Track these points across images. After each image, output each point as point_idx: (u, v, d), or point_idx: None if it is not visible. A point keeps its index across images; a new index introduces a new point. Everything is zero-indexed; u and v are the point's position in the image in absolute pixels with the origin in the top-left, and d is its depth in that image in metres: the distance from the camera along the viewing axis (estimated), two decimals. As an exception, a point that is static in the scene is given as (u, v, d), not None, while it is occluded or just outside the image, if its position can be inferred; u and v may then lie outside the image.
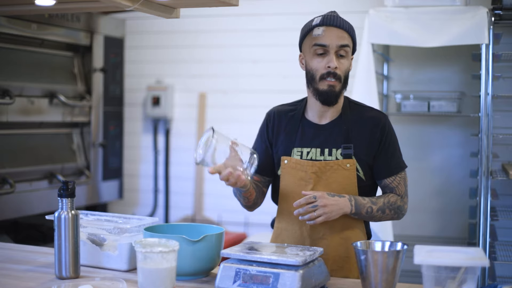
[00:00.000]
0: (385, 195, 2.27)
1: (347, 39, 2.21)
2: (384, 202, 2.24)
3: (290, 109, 2.35)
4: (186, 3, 2.53)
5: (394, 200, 2.26)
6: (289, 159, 2.27)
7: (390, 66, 4.40)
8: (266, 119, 2.40)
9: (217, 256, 2.08)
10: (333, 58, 2.18)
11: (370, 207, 2.21)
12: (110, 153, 4.55)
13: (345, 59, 2.21)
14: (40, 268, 2.17)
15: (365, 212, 2.21)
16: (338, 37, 2.19)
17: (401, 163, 2.30)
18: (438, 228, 4.32)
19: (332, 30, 2.19)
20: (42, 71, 4.05)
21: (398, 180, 2.27)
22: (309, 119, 2.31)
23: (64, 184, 2.04)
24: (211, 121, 4.85)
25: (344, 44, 2.19)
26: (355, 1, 4.43)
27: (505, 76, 3.87)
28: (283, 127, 2.33)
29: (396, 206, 2.26)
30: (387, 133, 2.27)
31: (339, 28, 2.20)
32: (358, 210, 2.19)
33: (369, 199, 2.23)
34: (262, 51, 4.68)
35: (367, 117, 2.27)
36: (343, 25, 2.21)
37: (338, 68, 2.19)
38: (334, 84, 2.19)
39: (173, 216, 4.97)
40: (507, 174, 3.56)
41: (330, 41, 2.18)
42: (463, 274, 1.61)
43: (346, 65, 2.21)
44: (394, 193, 2.28)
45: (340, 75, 2.20)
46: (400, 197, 2.28)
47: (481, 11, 3.62)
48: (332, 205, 2.14)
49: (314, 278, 1.89)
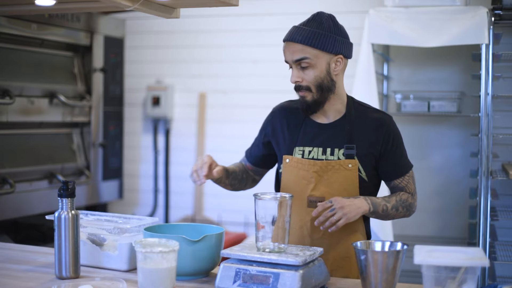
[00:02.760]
0: (397, 194, 2.30)
1: (302, 52, 2.19)
2: (396, 200, 2.28)
3: (296, 106, 2.36)
4: (186, 3, 2.53)
5: (405, 197, 2.30)
6: (290, 158, 2.28)
7: (390, 66, 4.40)
8: (271, 114, 2.44)
9: (217, 256, 2.08)
10: (294, 73, 2.22)
11: (385, 205, 2.24)
12: (110, 153, 4.55)
13: (309, 69, 2.20)
14: (40, 268, 2.17)
15: (381, 211, 2.23)
16: (293, 52, 2.21)
17: (409, 163, 2.34)
18: (438, 228, 4.32)
19: (289, 46, 2.23)
20: (42, 71, 4.05)
21: (407, 180, 2.31)
22: (312, 118, 2.32)
23: (64, 184, 2.04)
24: (211, 121, 4.85)
25: (299, 58, 2.20)
26: (355, 1, 4.43)
27: (505, 76, 3.87)
28: (286, 125, 2.35)
29: (408, 203, 2.31)
30: (394, 135, 2.28)
31: (294, 42, 2.21)
32: (375, 208, 2.21)
33: (382, 198, 2.26)
34: (262, 51, 4.68)
35: (372, 118, 2.27)
36: (297, 38, 2.19)
37: (304, 80, 2.21)
38: (303, 95, 2.24)
39: (173, 216, 4.97)
40: (507, 174, 3.56)
41: (288, 57, 2.23)
42: (463, 274, 1.61)
43: (312, 75, 2.20)
44: (404, 191, 2.32)
45: (308, 85, 2.21)
46: (410, 194, 2.32)
47: (481, 11, 3.62)
48: (349, 205, 2.13)
49: (314, 278, 1.89)
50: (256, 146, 2.45)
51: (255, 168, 2.47)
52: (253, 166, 2.47)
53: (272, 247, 1.92)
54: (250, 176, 2.48)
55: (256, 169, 2.48)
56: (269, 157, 2.43)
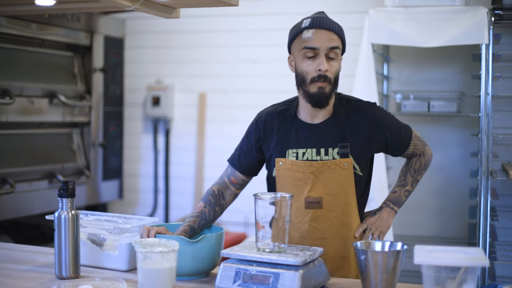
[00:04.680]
0: (407, 168, 2.40)
1: (336, 41, 2.20)
2: (411, 175, 2.39)
3: (282, 109, 2.33)
4: (186, 3, 2.53)
5: (418, 165, 2.38)
6: (283, 161, 2.25)
7: (390, 66, 4.40)
8: (256, 120, 2.37)
9: (217, 256, 2.08)
10: (324, 61, 2.17)
11: (406, 191, 2.37)
12: (110, 153, 4.55)
13: (335, 61, 2.20)
14: (40, 268, 2.17)
15: (406, 196, 2.38)
16: (328, 40, 2.18)
17: (408, 128, 2.36)
18: (438, 228, 4.32)
19: (322, 33, 2.18)
20: (42, 71, 4.05)
21: (413, 143, 2.36)
22: (301, 119, 2.29)
23: (64, 184, 2.04)
24: (211, 121, 4.85)
25: (334, 46, 2.19)
26: (355, 1, 4.43)
27: (505, 76, 3.87)
28: (276, 129, 2.30)
29: (422, 165, 2.39)
30: (384, 122, 2.28)
31: (328, 30, 2.19)
32: (400, 204, 2.36)
33: (398, 187, 2.38)
34: (262, 51, 4.68)
35: (360, 113, 2.27)
36: (333, 27, 2.20)
37: (328, 71, 2.18)
38: (324, 86, 2.19)
39: (173, 216, 4.97)
40: (507, 174, 3.56)
41: (320, 44, 2.17)
42: (463, 274, 1.61)
43: (336, 67, 2.21)
44: (414, 154, 2.38)
45: (331, 78, 2.19)
46: (420, 155, 2.38)
47: (481, 11, 3.62)
48: (379, 220, 2.31)
49: (314, 278, 1.89)
50: (246, 153, 2.34)
51: (244, 177, 2.37)
52: (243, 175, 2.36)
53: (272, 247, 1.92)
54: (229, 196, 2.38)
55: (243, 179, 2.37)
56: (262, 162, 2.37)
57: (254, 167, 2.36)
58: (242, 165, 2.35)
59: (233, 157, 2.38)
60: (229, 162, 2.38)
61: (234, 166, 2.36)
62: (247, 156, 2.34)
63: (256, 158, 2.35)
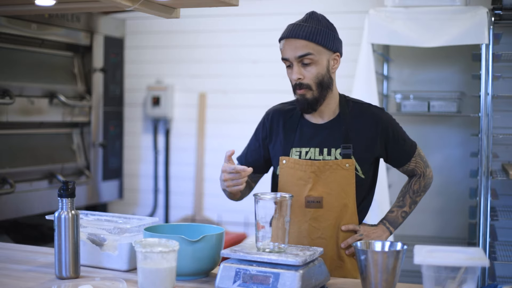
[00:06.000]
0: (407, 189, 2.37)
1: (305, 48, 2.18)
2: (410, 196, 2.36)
3: (290, 108, 2.36)
4: (186, 3, 2.53)
5: (417, 187, 2.36)
6: (287, 159, 2.27)
7: (390, 66, 4.40)
8: (264, 118, 2.41)
9: (217, 256, 2.08)
10: (295, 70, 2.20)
11: (404, 212, 2.35)
12: (110, 153, 4.55)
13: (312, 66, 2.19)
14: (40, 268, 2.17)
15: (402, 218, 2.36)
16: (295, 49, 2.18)
17: (412, 144, 2.36)
18: (438, 228, 4.32)
19: (290, 42, 2.20)
20: (42, 71, 4.05)
21: (415, 160, 2.35)
22: (307, 119, 2.31)
23: (64, 184, 2.04)
24: (211, 121, 4.85)
25: (302, 54, 2.18)
26: (355, 1, 4.43)
27: (505, 76, 3.87)
28: (281, 126, 2.34)
29: (422, 187, 2.37)
30: (391, 127, 2.29)
31: (296, 38, 2.18)
32: (396, 226, 2.35)
33: (396, 207, 2.36)
34: (262, 51, 4.68)
35: (366, 115, 2.28)
36: (300, 34, 2.18)
37: (305, 78, 2.20)
38: (303, 93, 2.21)
39: (173, 216, 4.97)
40: (507, 174, 3.56)
41: (290, 54, 2.20)
42: (463, 274, 1.61)
43: (314, 72, 2.20)
44: (415, 173, 2.37)
45: (309, 83, 2.20)
46: (420, 176, 2.37)
47: (481, 11, 3.62)
48: (373, 232, 2.28)
49: (314, 278, 1.89)
50: (254, 151, 2.39)
51: (252, 174, 2.40)
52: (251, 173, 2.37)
53: (272, 247, 1.92)
54: (248, 183, 2.40)
55: (253, 175, 2.41)
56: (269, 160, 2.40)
57: (260, 164, 2.39)
58: (249, 162, 2.39)
59: (241, 155, 2.44)
60: (237, 159, 2.44)
61: (241, 163, 2.41)
62: (254, 153, 2.40)
63: (262, 156, 2.39)
